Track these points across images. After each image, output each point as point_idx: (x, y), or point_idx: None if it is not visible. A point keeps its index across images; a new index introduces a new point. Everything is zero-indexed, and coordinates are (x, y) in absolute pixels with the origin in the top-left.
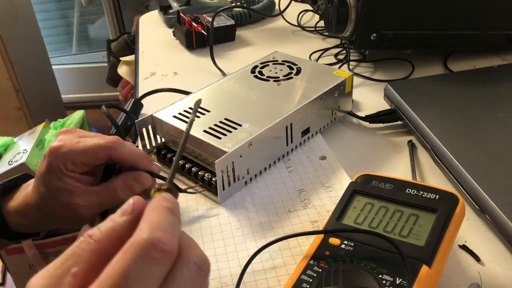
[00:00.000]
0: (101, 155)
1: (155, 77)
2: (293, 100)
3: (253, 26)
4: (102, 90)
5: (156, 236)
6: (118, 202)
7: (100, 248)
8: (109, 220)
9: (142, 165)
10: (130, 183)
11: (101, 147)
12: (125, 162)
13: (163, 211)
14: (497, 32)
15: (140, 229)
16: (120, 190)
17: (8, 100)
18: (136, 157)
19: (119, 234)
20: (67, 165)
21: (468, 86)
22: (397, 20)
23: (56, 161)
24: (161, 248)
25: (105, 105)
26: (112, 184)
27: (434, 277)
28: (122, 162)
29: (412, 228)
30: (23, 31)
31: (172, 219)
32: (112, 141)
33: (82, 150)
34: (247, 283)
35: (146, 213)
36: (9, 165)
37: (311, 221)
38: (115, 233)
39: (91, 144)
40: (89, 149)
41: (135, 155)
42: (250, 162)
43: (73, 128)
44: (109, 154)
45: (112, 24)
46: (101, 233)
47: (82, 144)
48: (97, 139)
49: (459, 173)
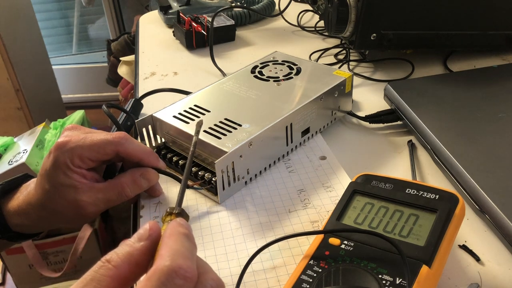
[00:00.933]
0: (108, 150)
1: (155, 77)
2: (293, 100)
3: (253, 26)
4: (102, 90)
5: (178, 263)
6: (124, 199)
7: (119, 274)
8: (125, 245)
9: (148, 162)
10: (137, 180)
11: (108, 142)
12: (132, 158)
13: (181, 237)
14: (497, 32)
15: (161, 257)
16: (127, 186)
17: (8, 100)
18: (143, 153)
19: (136, 260)
20: (74, 160)
21: (468, 86)
22: (397, 20)
23: (62, 156)
24: (183, 275)
25: (106, 105)
26: (119, 180)
27: (434, 277)
28: (129, 158)
29: (412, 228)
30: (23, 31)
31: (190, 245)
32: (119, 137)
33: (89, 145)
34: (247, 283)
35: (165, 239)
36: (9, 165)
37: (311, 221)
38: (133, 258)
39: (98, 139)
40: (96, 144)
41: (142, 151)
42: (250, 162)
43: (78, 125)
44: (116, 149)
45: (112, 24)
46: (119, 258)
47: (90, 139)
48: (104, 134)
49: (459, 173)
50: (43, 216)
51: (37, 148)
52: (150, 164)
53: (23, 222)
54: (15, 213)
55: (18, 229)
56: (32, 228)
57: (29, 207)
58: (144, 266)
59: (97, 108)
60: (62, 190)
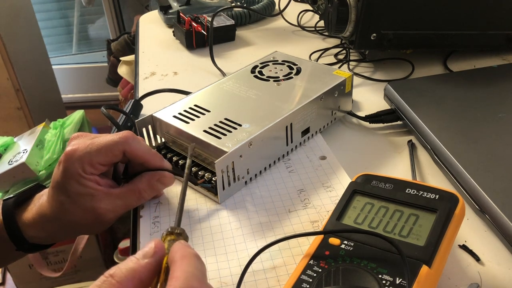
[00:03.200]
0: (116, 151)
1: (155, 77)
2: (293, 100)
3: (253, 26)
4: (102, 90)
5: (192, 285)
6: (142, 203)
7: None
8: (130, 261)
9: (154, 163)
10: (154, 185)
11: (115, 143)
12: (138, 158)
13: (194, 259)
14: (497, 32)
15: (177, 279)
16: (145, 191)
17: (8, 100)
18: (148, 153)
19: (140, 276)
20: (85, 168)
21: (468, 86)
22: (397, 20)
23: (72, 166)
24: None
25: (105, 107)
26: (137, 186)
27: (434, 277)
28: (135, 158)
29: (412, 228)
30: (23, 31)
31: (202, 267)
32: (126, 136)
33: (97, 149)
34: (247, 283)
35: (178, 261)
36: (9, 165)
37: (311, 221)
38: (136, 274)
39: (105, 142)
40: (103, 147)
41: (147, 152)
42: (250, 162)
43: (84, 133)
44: (123, 149)
45: (112, 24)
46: (122, 274)
47: (97, 144)
48: (110, 136)
49: (459, 173)
50: (59, 227)
51: (37, 148)
52: (155, 165)
53: (39, 234)
54: (30, 225)
55: (35, 241)
56: (48, 239)
57: (43, 220)
58: (146, 284)
59: (97, 108)
60: (78, 199)
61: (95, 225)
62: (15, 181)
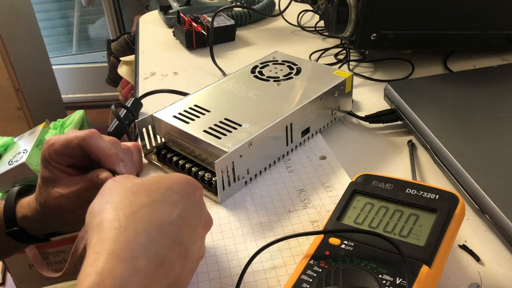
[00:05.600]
0: (73, 144)
1: (155, 77)
2: (293, 100)
3: (253, 26)
4: (102, 90)
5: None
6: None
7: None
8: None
9: (105, 162)
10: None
11: (74, 137)
12: (93, 155)
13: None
14: (497, 32)
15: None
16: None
17: (8, 100)
18: (103, 154)
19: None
20: (52, 155)
21: (468, 86)
22: (397, 20)
23: (44, 153)
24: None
25: (115, 104)
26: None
27: (434, 277)
28: (90, 154)
29: (412, 228)
30: (23, 31)
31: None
32: (86, 133)
33: (62, 141)
34: (247, 283)
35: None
36: (9, 165)
37: (311, 221)
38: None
39: (69, 135)
40: (66, 139)
41: (102, 152)
42: (250, 162)
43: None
44: (79, 144)
45: (112, 24)
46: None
47: (63, 136)
48: (78, 132)
49: (459, 173)
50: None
51: (37, 148)
52: (107, 166)
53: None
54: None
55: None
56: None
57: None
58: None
59: (97, 108)
60: (46, 184)
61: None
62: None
